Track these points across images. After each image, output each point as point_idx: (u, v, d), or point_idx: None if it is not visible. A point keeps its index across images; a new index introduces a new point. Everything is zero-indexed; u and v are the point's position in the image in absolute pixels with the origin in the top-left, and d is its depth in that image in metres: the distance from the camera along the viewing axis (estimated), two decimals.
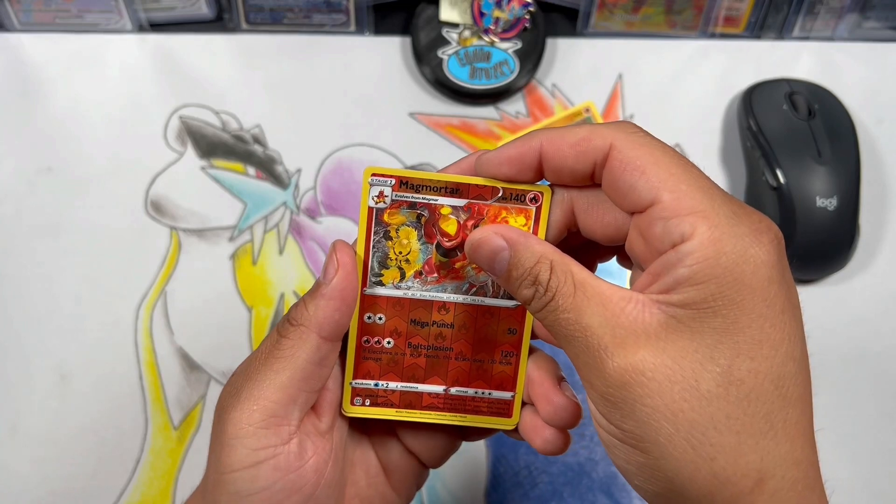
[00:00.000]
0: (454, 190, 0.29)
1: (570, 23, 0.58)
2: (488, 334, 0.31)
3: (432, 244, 0.29)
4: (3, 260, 0.51)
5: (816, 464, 0.25)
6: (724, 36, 0.59)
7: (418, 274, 0.30)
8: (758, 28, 0.58)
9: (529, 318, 0.31)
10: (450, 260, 0.29)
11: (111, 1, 0.55)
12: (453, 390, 0.31)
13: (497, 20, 0.56)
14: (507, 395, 0.31)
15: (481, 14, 0.55)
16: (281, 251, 0.52)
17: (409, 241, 0.29)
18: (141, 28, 0.57)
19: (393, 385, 0.31)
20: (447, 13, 0.56)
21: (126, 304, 0.50)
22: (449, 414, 0.31)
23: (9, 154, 0.54)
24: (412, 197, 0.29)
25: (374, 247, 0.29)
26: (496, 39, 0.56)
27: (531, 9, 0.56)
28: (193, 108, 0.55)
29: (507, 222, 0.29)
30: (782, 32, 0.58)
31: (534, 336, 0.32)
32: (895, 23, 0.58)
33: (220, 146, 0.54)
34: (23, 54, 0.56)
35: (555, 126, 0.49)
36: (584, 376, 0.25)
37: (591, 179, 0.27)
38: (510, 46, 0.56)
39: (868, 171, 0.53)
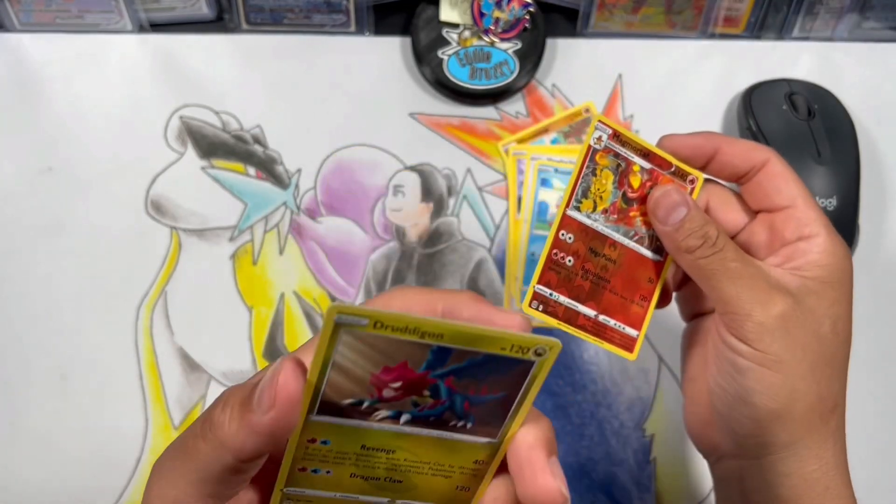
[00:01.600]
0: (647, 155, 0.36)
1: (570, 23, 0.58)
2: (635, 277, 0.37)
3: (621, 191, 0.36)
4: (3, 260, 0.51)
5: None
6: (723, 36, 0.59)
7: (605, 211, 0.36)
8: (757, 28, 0.58)
9: (665, 272, 0.37)
10: (628, 208, 0.36)
11: (111, 1, 0.55)
12: (601, 317, 0.36)
13: (497, 20, 0.56)
14: (634, 333, 0.37)
15: (481, 14, 0.55)
16: (281, 251, 0.52)
17: (607, 183, 0.35)
18: (141, 28, 0.57)
19: (563, 299, 0.35)
20: (447, 13, 0.56)
21: (126, 304, 0.50)
22: (590, 336, 0.36)
23: (9, 154, 0.54)
24: (619, 149, 0.35)
25: (583, 178, 0.35)
26: (496, 40, 0.56)
27: (531, 9, 0.56)
28: (194, 108, 0.55)
29: None
30: (782, 33, 0.59)
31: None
32: (894, 23, 0.58)
33: (220, 146, 0.54)
34: (23, 54, 0.56)
35: (557, 125, 0.51)
36: (742, 309, 0.33)
37: (737, 178, 0.36)
38: (510, 47, 0.56)
39: (867, 172, 0.53)
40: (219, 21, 0.58)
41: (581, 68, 0.58)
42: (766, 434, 0.33)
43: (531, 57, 0.56)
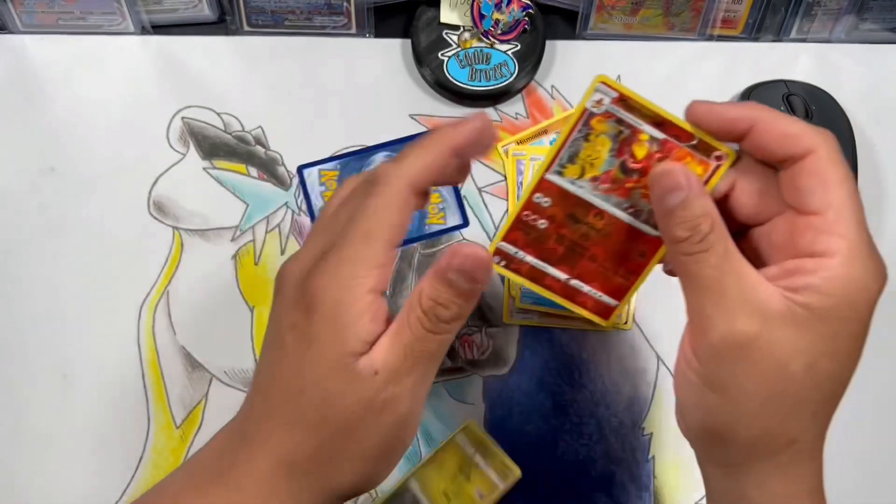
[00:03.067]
0: (659, 123, 0.32)
1: (569, 25, 0.58)
2: (624, 250, 0.34)
3: (619, 160, 0.32)
4: (6, 260, 0.51)
5: (823, 445, 0.32)
6: (721, 38, 0.59)
7: (594, 178, 0.33)
8: (755, 30, 0.58)
9: (661, 251, 0.34)
10: (625, 178, 0.33)
11: (114, 3, 0.55)
12: (573, 282, 0.35)
13: (497, 22, 0.56)
14: (612, 302, 0.35)
15: (481, 16, 0.56)
16: (283, 251, 0.52)
17: (602, 150, 0.32)
18: (143, 30, 0.57)
19: (529, 258, 0.35)
20: (447, 15, 0.57)
21: (129, 304, 0.50)
22: (559, 297, 0.35)
23: (12, 155, 0.54)
24: (624, 115, 0.32)
25: (571, 142, 0.32)
26: (496, 41, 0.56)
27: (530, 11, 0.56)
28: (196, 109, 0.55)
29: (687, 167, 0.32)
30: (780, 34, 0.59)
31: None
32: (892, 24, 0.59)
33: (222, 147, 0.55)
34: (26, 56, 0.57)
35: (556, 126, 0.50)
36: (700, 324, 0.30)
37: (773, 164, 0.31)
38: (510, 48, 0.56)
39: (865, 172, 0.54)
40: (220, 23, 0.58)
41: (580, 70, 0.58)
42: (703, 447, 0.33)
43: (530, 58, 0.56)
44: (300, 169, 0.54)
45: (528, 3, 0.56)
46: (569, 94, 0.57)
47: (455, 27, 0.57)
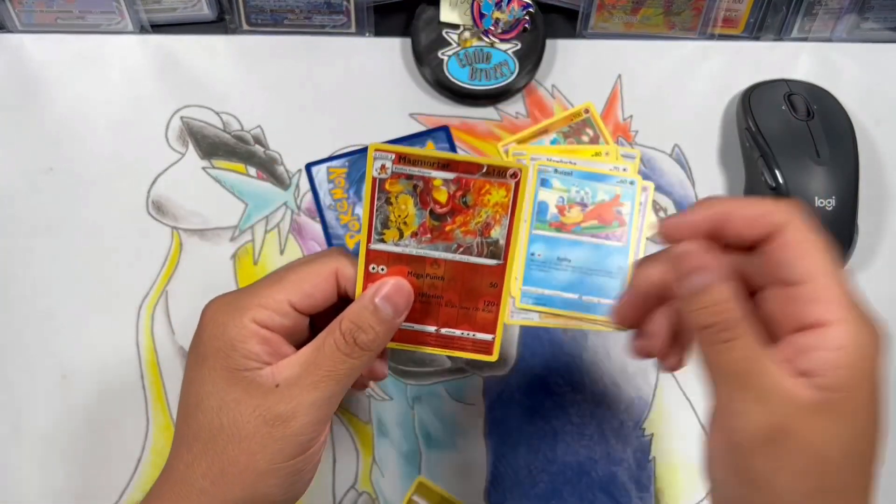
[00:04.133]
0: (445, 165, 0.33)
1: (570, 24, 0.58)
2: (473, 287, 0.35)
3: (426, 210, 0.34)
4: (4, 260, 0.51)
5: None
6: (722, 37, 0.59)
7: (414, 234, 0.34)
8: (756, 29, 0.58)
9: (509, 273, 0.35)
10: (441, 224, 0.34)
11: (113, 2, 0.55)
12: (443, 330, 0.36)
13: (497, 21, 0.56)
14: (488, 336, 0.37)
15: (481, 15, 0.56)
16: (282, 251, 0.52)
17: (407, 207, 0.34)
18: (142, 29, 0.57)
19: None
20: (447, 14, 0.56)
21: (127, 304, 0.50)
22: (439, 349, 0.37)
23: (10, 154, 0.54)
24: (409, 170, 0.33)
25: (377, 210, 0.34)
26: (496, 40, 0.56)
27: (531, 10, 0.56)
28: (195, 108, 0.55)
29: (490, 194, 0.34)
30: (781, 33, 0.59)
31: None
32: (893, 24, 0.59)
33: (221, 146, 0.54)
34: (24, 55, 0.56)
35: (556, 125, 0.50)
36: (730, 418, 0.29)
37: (753, 245, 0.31)
38: (510, 47, 0.56)
39: (866, 172, 0.54)
40: (219, 22, 0.58)
41: (580, 69, 0.58)
42: None
43: (531, 57, 0.56)
44: (308, 166, 0.54)
45: (529, 1, 0.56)
46: (569, 94, 0.57)
47: (455, 26, 0.56)
